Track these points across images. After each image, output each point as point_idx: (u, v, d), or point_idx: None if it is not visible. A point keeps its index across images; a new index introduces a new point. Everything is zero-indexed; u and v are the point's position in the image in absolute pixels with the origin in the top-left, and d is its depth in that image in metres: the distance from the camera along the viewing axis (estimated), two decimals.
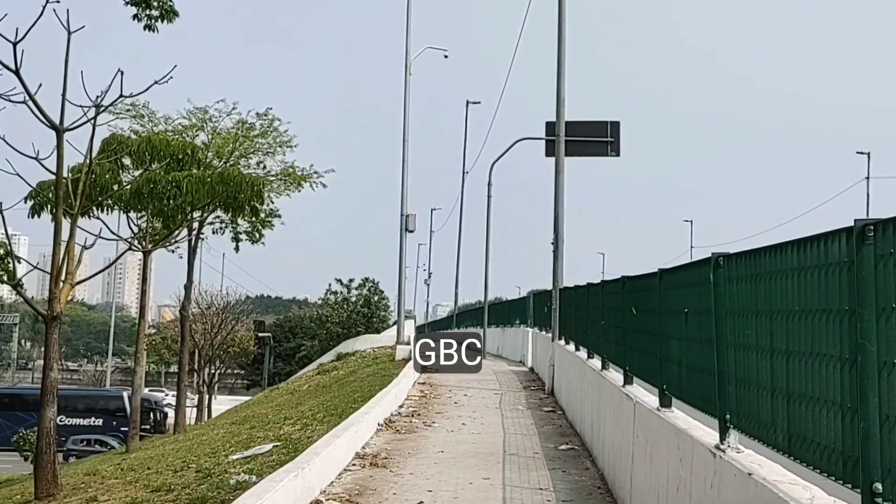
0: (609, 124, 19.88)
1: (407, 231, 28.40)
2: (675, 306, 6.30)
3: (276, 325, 79.51)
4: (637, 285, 7.95)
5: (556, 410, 15.18)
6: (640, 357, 7.74)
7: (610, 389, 8.91)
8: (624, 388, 8.10)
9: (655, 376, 6.90)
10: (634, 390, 7.85)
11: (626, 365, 8.30)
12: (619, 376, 9.06)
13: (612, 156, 20.06)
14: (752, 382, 4.42)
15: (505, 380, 21.17)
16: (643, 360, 7.56)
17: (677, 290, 6.29)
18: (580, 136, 19.59)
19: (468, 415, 14.42)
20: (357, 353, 35.33)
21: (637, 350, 7.84)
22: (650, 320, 7.23)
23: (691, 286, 5.77)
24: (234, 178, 24.27)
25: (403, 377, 18.15)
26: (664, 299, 6.73)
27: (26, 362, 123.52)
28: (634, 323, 7.96)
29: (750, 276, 4.52)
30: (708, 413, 5.26)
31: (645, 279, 7.54)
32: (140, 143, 24.55)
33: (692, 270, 5.89)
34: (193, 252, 30.88)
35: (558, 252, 18.31)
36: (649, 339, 7.22)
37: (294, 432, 15.46)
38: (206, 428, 25.51)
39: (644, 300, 7.56)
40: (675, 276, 6.45)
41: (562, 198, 18.73)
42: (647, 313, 7.44)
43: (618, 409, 8.23)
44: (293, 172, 32.52)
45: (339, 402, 19.00)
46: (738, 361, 4.68)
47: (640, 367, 7.74)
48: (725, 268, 4.90)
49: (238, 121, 30.68)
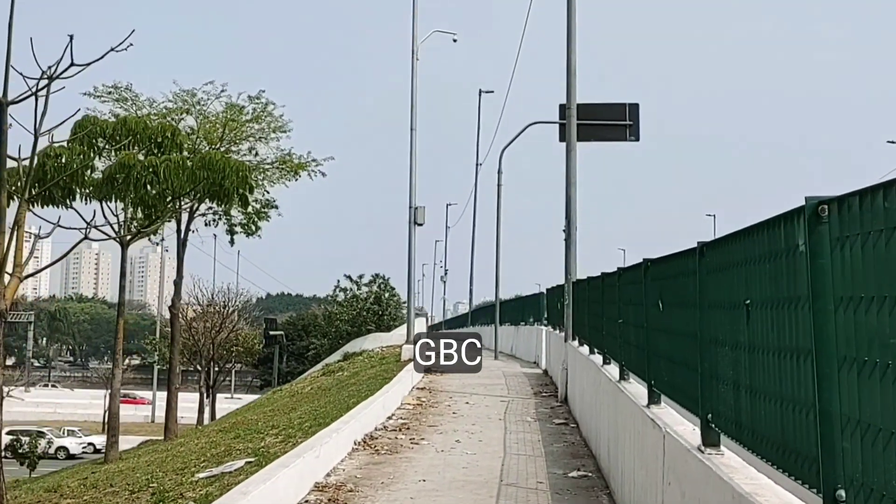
0: (627, 106, 18.17)
1: (416, 224, 27.32)
2: (727, 296, 4.16)
3: (289, 323, 78.06)
4: (664, 270, 5.83)
5: (569, 423, 13.05)
6: (670, 369, 5.63)
7: (629, 408, 6.78)
8: (649, 410, 6.00)
9: (693, 398, 4.79)
10: (663, 414, 5.74)
11: (652, 378, 6.19)
12: (642, 390, 6.96)
13: (631, 140, 18.34)
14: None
15: (515, 384, 19.06)
16: (675, 374, 5.45)
17: (730, 272, 4.13)
18: (596, 120, 17.75)
19: (466, 429, 12.33)
20: (365, 352, 33.51)
21: (665, 359, 5.73)
22: (685, 318, 5.13)
23: (758, 262, 3.61)
24: (217, 164, 22.35)
25: (398, 382, 16.13)
26: (707, 287, 4.58)
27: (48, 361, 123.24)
28: (662, 321, 5.86)
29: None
30: (796, 476, 3.14)
31: (676, 260, 5.41)
32: (115, 125, 22.68)
33: (760, 235, 3.68)
34: (183, 245, 28.97)
35: (571, 240, 16.16)
36: (684, 344, 5.12)
37: (274, 445, 14.01)
38: (192, 436, 23.87)
39: (675, 290, 5.44)
40: (726, 250, 4.27)
41: (574, 178, 16.60)
42: (679, 308, 5.31)
43: (641, 436, 6.11)
44: (290, 160, 30.59)
45: (332, 408, 17.79)
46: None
47: (670, 383, 5.63)
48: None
49: (228, 104, 28.74)
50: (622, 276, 8.02)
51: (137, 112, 27.82)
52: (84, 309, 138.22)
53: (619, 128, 18.03)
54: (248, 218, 31.65)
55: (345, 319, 54.44)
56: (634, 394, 6.87)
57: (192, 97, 29.24)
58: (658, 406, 6.03)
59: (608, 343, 9.50)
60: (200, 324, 44.18)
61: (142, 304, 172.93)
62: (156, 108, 28.72)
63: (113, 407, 22.78)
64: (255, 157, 30.22)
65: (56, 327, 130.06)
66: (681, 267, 5.09)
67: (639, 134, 18.14)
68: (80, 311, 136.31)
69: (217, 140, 28.73)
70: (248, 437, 16.70)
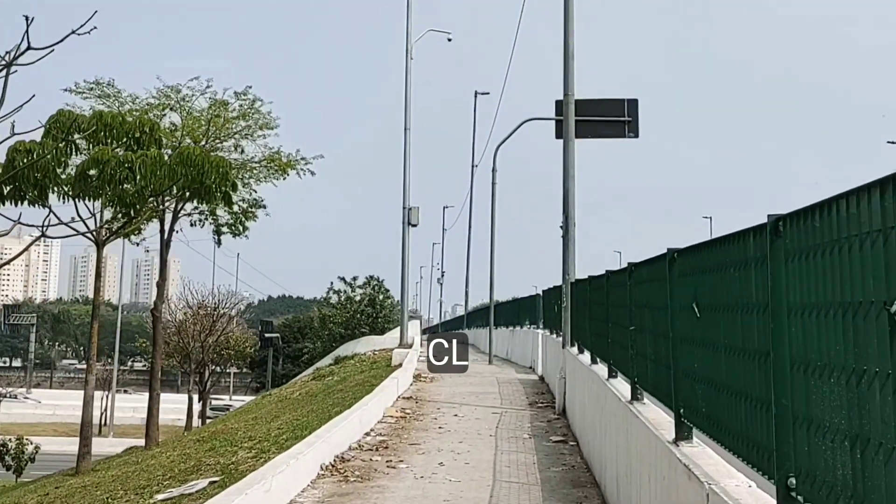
0: (626, 102, 17.15)
1: (410, 225, 26.55)
2: (814, 296, 2.83)
3: (285, 326, 77.07)
4: (704, 261, 4.41)
5: (568, 440, 11.70)
6: (711, 397, 4.22)
7: (649, 441, 5.42)
8: (678, 449, 4.63)
9: (758, 446, 3.42)
10: (700, 457, 4.38)
11: (681, 404, 4.84)
12: (664, 416, 5.63)
13: (630, 137, 17.30)
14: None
15: (508, 393, 17.74)
16: (722, 406, 4.02)
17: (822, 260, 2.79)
18: (594, 117, 16.77)
19: (451, 447, 10.99)
20: (357, 356, 32.27)
21: (704, 382, 4.34)
22: (740, 328, 3.73)
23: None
24: (196, 160, 20.99)
25: (380, 393, 14.79)
26: (788, 281, 3.21)
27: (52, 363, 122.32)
28: (697, 331, 4.50)
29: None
30: None
31: (725, 246, 4.00)
32: (91, 119, 21.33)
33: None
34: (167, 246, 27.61)
35: (569, 237, 14.85)
36: (739, 365, 3.71)
37: (245, 460, 12.91)
38: (169, 445, 22.61)
39: (723, 289, 4.05)
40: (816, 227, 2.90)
41: (572, 171, 15.32)
42: (730, 314, 3.91)
43: (668, 486, 4.71)
44: (278, 158, 29.28)
45: (313, 417, 16.75)
46: None
47: (711, 417, 4.24)
48: None
49: (213, 100, 27.42)
50: (634, 273, 6.67)
51: (120, 109, 26.54)
52: (89, 311, 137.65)
53: (617, 124, 17.04)
54: (235, 218, 30.36)
55: (338, 322, 53.07)
56: (654, 422, 5.51)
57: (176, 93, 27.97)
58: (690, 443, 4.68)
59: (615, 353, 8.16)
60: (190, 326, 42.93)
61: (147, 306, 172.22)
62: (138, 104, 27.43)
63: (86, 415, 21.37)
64: (241, 155, 28.94)
65: (59, 329, 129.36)
66: (735, 255, 3.72)
67: (638, 130, 17.18)
68: (84, 313, 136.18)
69: (201, 137, 27.43)
70: (222, 449, 15.84)
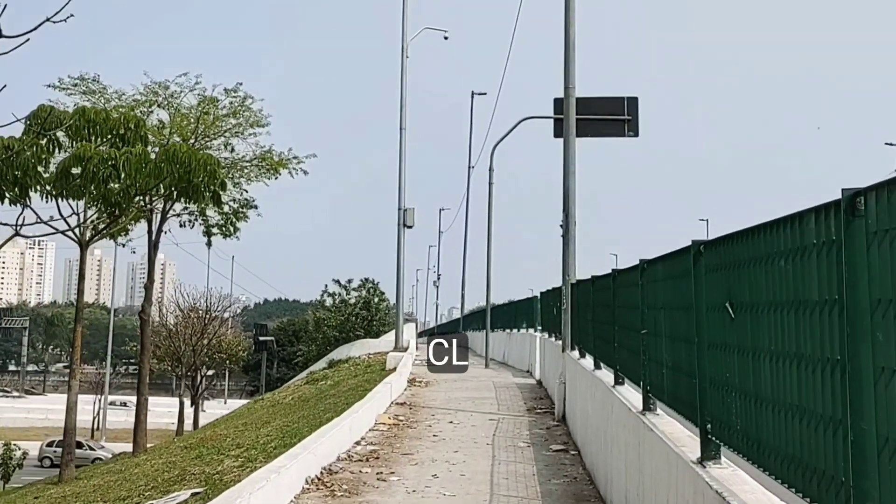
0: (626, 100, 16.74)
1: (405, 226, 26.06)
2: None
3: (280, 329, 76.23)
4: (737, 253, 3.77)
5: (569, 448, 11.06)
6: (750, 411, 3.58)
7: (668, 460, 4.78)
8: (706, 471, 4.01)
9: (823, 474, 2.79)
10: (732, 481, 3.76)
11: (708, 420, 4.21)
12: (681, 431, 5.00)
13: (630, 136, 16.87)
14: None
15: (506, 397, 17.10)
16: (765, 423, 3.38)
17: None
18: (593, 115, 16.28)
19: (446, 457, 10.35)
20: (351, 359, 31.63)
21: (740, 393, 3.70)
22: (795, 329, 3.09)
23: None
24: (182, 157, 20.32)
25: (372, 398, 14.14)
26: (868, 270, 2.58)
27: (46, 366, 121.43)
28: (731, 335, 3.86)
29: None
30: None
31: (765, 235, 3.37)
32: (73, 115, 20.66)
33: None
34: (155, 248, 26.95)
35: (569, 236, 14.22)
36: (795, 376, 3.08)
37: (231, 470, 12.38)
38: (156, 452, 21.97)
39: (763, 284, 3.41)
40: None
41: (572, 168, 14.71)
42: (783, 313, 3.25)
43: None
44: (269, 157, 28.62)
45: (304, 424, 16.28)
46: None
47: (750, 435, 3.59)
48: None
49: (202, 97, 26.75)
50: (648, 271, 6.04)
51: (105, 105, 25.86)
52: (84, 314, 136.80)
53: (617, 123, 16.57)
54: (226, 218, 29.71)
55: (332, 325, 52.27)
56: (672, 437, 4.89)
57: (164, 90, 27.30)
58: (718, 464, 4.06)
59: (623, 359, 7.53)
60: (182, 330, 42.21)
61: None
62: (124, 100, 26.75)
63: (69, 422, 20.69)
64: (232, 154, 28.28)
65: (52, 333, 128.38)
66: (786, 243, 3.08)
67: (638, 129, 16.75)
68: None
69: (190, 135, 26.77)
70: (208, 457, 14.98)
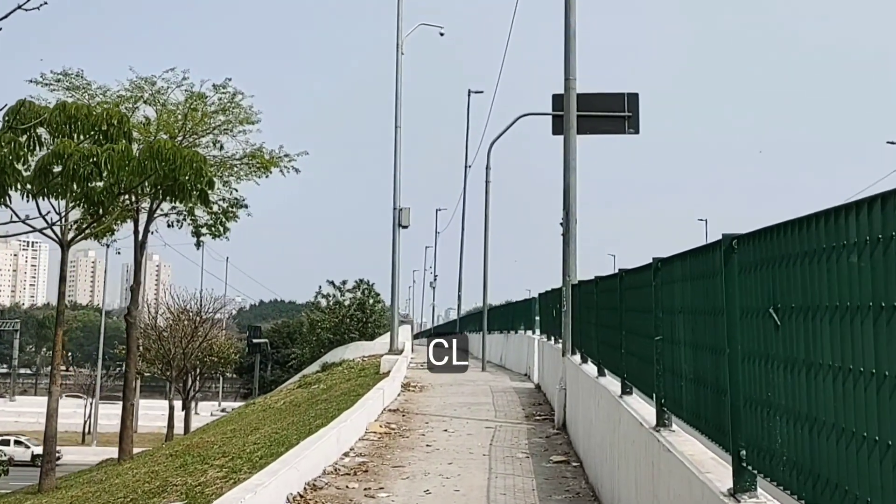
0: (626, 96, 16.26)
1: (401, 226, 25.60)
2: None
3: (274, 331, 75.54)
4: (786, 247, 3.09)
5: (570, 460, 10.40)
6: (805, 440, 2.92)
7: (691, 488, 4.11)
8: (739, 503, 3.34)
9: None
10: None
11: (741, 445, 3.55)
12: (702, 450, 4.35)
13: (631, 133, 16.36)
14: None
15: (503, 403, 16.44)
16: (828, 456, 2.73)
17: None
18: (593, 111, 15.75)
19: (440, 470, 9.68)
20: (345, 362, 31.03)
21: (791, 416, 3.03)
22: (882, 340, 2.43)
23: None
24: (167, 154, 19.63)
25: (363, 406, 13.46)
26: None
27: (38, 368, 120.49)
28: (773, 345, 3.20)
29: None
30: None
31: (828, 223, 2.70)
32: (53, 111, 19.96)
33: None
34: (141, 248, 26.23)
35: (570, 234, 13.57)
36: (879, 401, 2.42)
37: (214, 481, 12.00)
38: (140, 460, 21.33)
39: (825, 285, 2.73)
40: None
41: (573, 163, 14.07)
42: (860, 321, 2.58)
43: None
44: (260, 155, 27.94)
45: (293, 431, 15.83)
46: None
47: (809, 470, 2.91)
48: None
49: (190, 93, 26.05)
50: (662, 271, 5.37)
51: (90, 102, 25.14)
52: (77, 316, 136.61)
53: (617, 119, 16.03)
54: (215, 218, 29.00)
55: (326, 327, 51.48)
56: (695, 461, 4.22)
57: (150, 85, 26.60)
58: (754, 497, 3.41)
59: (631, 367, 6.87)
60: (171, 333, 41.45)
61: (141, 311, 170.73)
62: (109, 96, 26.04)
63: (49, 429, 19.97)
64: (221, 152, 27.60)
65: (44, 335, 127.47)
66: (866, 231, 2.42)
67: (638, 126, 16.22)
68: (72, 318, 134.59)
69: (177, 132, 26.07)
70: (192, 466, 14.49)
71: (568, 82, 14.09)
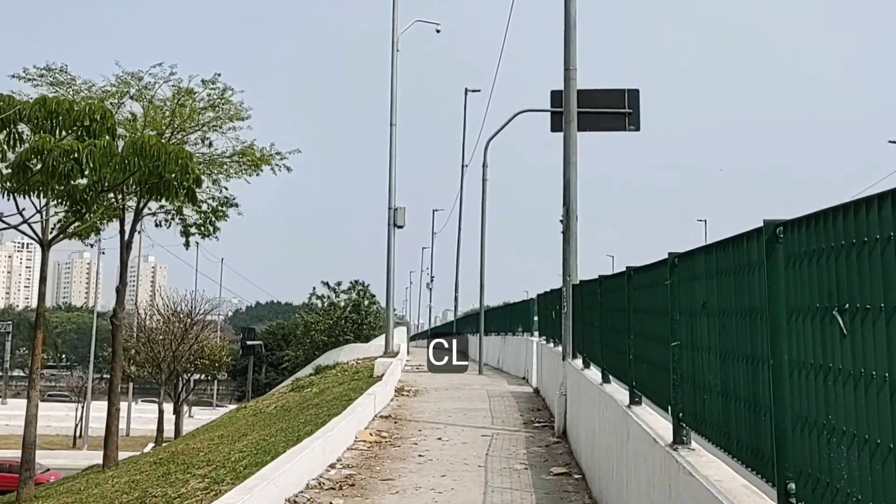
0: (626, 92, 15.81)
1: (396, 226, 25.20)
2: None
3: (269, 333, 74.91)
4: (855, 232, 2.44)
5: (572, 472, 9.74)
6: (872, 468, 2.28)
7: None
8: None
9: None
10: None
11: (789, 474, 2.90)
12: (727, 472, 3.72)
13: (631, 130, 15.90)
14: None
15: (500, 409, 15.79)
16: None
17: None
18: (593, 108, 15.22)
19: (432, 484, 9.02)
20: (338, 365, 30.37)
21: (856, 441, 2.39)
22: None
23: None
24: (151, 150, 18.94)
25: (353, 412, 12.79)
26: None
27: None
28: (838, 355, 2.54)
29: None
30: None
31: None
32: (32, 105, 19.26)
33: None
34: (128, 248, 25.46)
35: (570, 232, 12.93)
36: None
37: (195, 492, 11.36)
38: (122, 468, 20.66)
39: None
40: None
41: (573, 158, 13.44)
42: None
43: None
44: (251, 153, 27.21)
45: (281, 438, 15.19)
46: None
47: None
48: None
49: (178, 88, 25.32)
50: (679, 267, 4.72)
51: (75, 97, 24.43)
52: (71, 318, 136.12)
53: (617, 116, 15.52)
54: (204, 218, 28.25)
55: (321, 329, 50.75)
56: (724, 489, 3.56)
57: (137, 80, 25.84)
58: None
59: (640, 374, 6.22)
60: (161, 335, 40.70)
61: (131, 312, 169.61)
62: (94, 92, 25.29)
63: (28, 436, 19.23)
64: (210, 149, 26.86)
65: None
66: None
67: (639, 123, 15.72)
68: (66, 320, 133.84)
69: (165, 128, 25.36)
70: (174, 475, 13.82)
71: (568, 73, 13.47)
